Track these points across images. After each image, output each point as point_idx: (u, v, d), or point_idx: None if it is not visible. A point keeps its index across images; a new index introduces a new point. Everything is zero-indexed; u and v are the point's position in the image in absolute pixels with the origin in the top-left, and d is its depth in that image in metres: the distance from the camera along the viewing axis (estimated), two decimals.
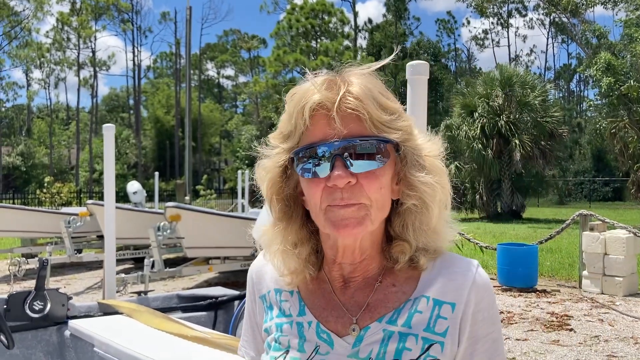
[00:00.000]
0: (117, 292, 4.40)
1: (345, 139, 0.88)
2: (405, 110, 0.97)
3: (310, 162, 0.90)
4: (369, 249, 0.95)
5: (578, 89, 67.28)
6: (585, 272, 7.89)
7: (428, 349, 0.90)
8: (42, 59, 54.68)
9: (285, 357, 0.96)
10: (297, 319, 0.98)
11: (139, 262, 10.28)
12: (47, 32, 56.55)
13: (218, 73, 70.82)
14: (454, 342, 0.91)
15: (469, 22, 78.77)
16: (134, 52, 63.57)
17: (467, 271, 0.95)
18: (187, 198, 19.16)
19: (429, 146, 0.96)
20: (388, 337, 0.91)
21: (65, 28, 52.11)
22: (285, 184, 0.97)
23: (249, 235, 1.13)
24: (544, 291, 7.90)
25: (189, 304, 3.46)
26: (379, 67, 0.95)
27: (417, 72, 1.82)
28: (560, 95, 62.94)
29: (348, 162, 0.88)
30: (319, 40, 42.78)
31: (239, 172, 18.28)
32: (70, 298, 3.10)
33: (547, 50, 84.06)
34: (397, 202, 0.95)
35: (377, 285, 0.95)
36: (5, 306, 2.80)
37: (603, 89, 20.55)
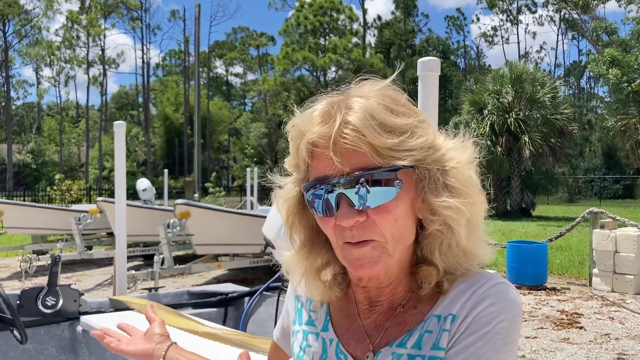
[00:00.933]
0: (127, 288, 4.42)
1: (348, 175, 0.81)
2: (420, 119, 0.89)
3: (316, 202, 0.86)
4: (397, 273, 0.91)
5: (588, 86, 66.84)
6: (595, 270, 7.85)
7: None
8: (52, 57, 55.05)
9: None
10: (322, 334, 0.99)
11: (148, 259, 10.34)
12: (57, 30, 56.91)
13: (226, 71, 70.98)
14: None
15: (478, 19, 78.19)
16: (143, 50, 63.93)
17: (476, 282, 0.88)
18: (196, 195, 19.24)
19: (457, 155, 0.88)
20: None
21: (75, 26, 52.41)
22: (303, 213, 0.94)
23: (260, 232, 1.13)
24: (554, 289, 7.87)
25: (199, 300, 3.47)
26: (386, 83, 0.89)
27: (428, 69, 1.82)
28: (571, 92, 62.58)
29: (353, 200, 0.82)
30: (327, 38, 42.75)
31: (248, 169, 18.32)
32: (82, 294, 3.12)
33: (557, 47, 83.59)
34: (421, 224, 0.89)
35: (399, 310, 0.92)
36: (18, 302, 2.83)
37: (611, 82, 20.41)
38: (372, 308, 0.94)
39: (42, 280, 8.89)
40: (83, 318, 2.99)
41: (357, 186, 0.82)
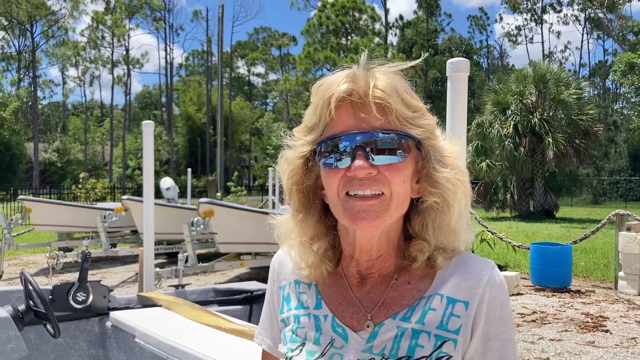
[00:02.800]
0: (153, 285, 4.48)
1: (367, 132, 0.89)
2: (431, 109, 0.98)
3: (332, 155, 0.91)
4: (386, 246, 0.96)
5: (614, 86, 65.77)
6: (621, 273, 7.74)
7: (440, 346, 0.90)
8: (77, 58, 55.91)
9: (301, 350, 0.98)
10: (314, 312, 1.00)
11: (171, 257, 10.45)
12: (83, 31, 57.72)
13: (248, 71, 71.29)
14: (466, 340, 0.92)
15: (501, 19, 77.55)
16: (166, 50, 64.56)
17: (481, 270, 0.95)
18: (218, 194, 19.37)
19: (451, 147, 0.96)
20: (401, 333, 0.92)
21: (100, 27, 53.15)
22: (306, 176, 0.98)
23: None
24: (578, 292, 7.78)
25: (225, 298, 3.52)
26: (404, 67, 0.96)
27: (458, 69, 1.83)
28: (596, 92, 61.65)
29: (370, 155, 0.88)
30: (349, 38, 42.72)
31: (270, 169, 18.39)
32: (112, 290, 3.18)
33: (581, 46, 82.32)
34: (417, 201, 0.96)
35: (392, 283, 0.96)
36: (50, 297, 2.89)
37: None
38: (363, 281, 0.98)
39: (69, 277, 9.06)
40: (112, 314, 3.05)
41: (375, 143, 0.89)
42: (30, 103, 52.11)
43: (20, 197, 12.29)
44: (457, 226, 0.95)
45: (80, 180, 28.12)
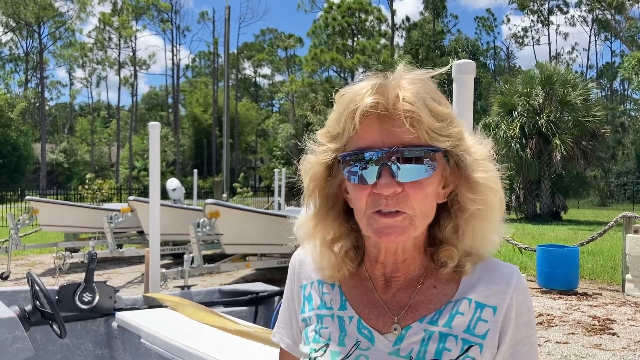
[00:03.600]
0: (159, 286, 4.49)
1: (393, 147, 0.87)
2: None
3: (357, 166, 0.89)
4: (411, 250, 0.96)
5: (622, 87, 65.47)
6: (628, 276, 7.70)
7: (467, 350, 0.91)
8: (84, 59, 56.13)
9: (325, 350, 0.97)
10: (338, 313, 0.99)
11: (177, 258, 10.47)
12: (90, 32, 58.05)
13: (255, 72, 71.36)
14: (493, 345, 0.92)
15: (508, 20, 77.40)
16: (172, 52, 64.61)
17: (509, 276, 0.95)
18: (224, 195, 19.40)
19: (480, 149, 0.95)
20: (429, 337, 0.92)
21: (107, 28, 53.34)
22: (328, 182, 0.97)
23: (290, 232, 1.12)
24: (585, 294, 7.75)
25: (230, 299, 3.52)
26: (432, 74, 0.94)
27: (464, 71, 1.82)
28: (603, 94, 61.36)
29: (395, 171, 0.87)
30: (355, 39, 42.71)
31: (276, 170, 18.43)
32: (117, 291, 3.19)
33: (589, 48, 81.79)
34: (446, 205, 0.95)
35: (419, 287, 0.96)
36: (56, 297, 2.90)
37: (634, 87, 19.96)
38: (388, 284, 0.98)
39: (75, 277, 9.09)
40: (118, 314, 3.06)
41: (400, 159, 0.87)
42: (37, 104, 52.38)
43: (27, 197, 12.35)
44: (492, 230, 0.95)
45: (87, 181, 28.25)
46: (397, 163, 0.87)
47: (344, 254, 1.00)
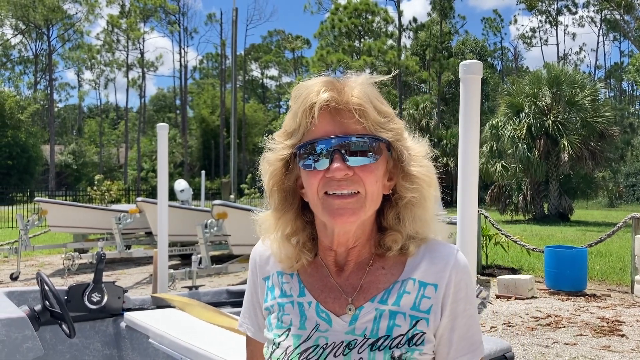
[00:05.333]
0: (167, 286, 4.51)
1: (343, 136, 0.98)
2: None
3: (311, 157, 0.99)
4: (361, 237, 1.05)
5: (630, 88, 65.06)
6: (637, 277, 7.66)
7: (415, 324, 1.00)
8: (92, 61, 56.40)
9: (287, 334, 1.06)
10: (298, 299, 1.08)
11: (185, 259, 10.51)
12: (98, 34, 58.31)
13: (262, 73, 71.50)
14: (436, 318, 1.02)
15: (516, 21, 77.10)
16: (180, 53, 64.84)
17: (448, 255, 1.05)
18: (232, 197, 19.43)
19: (417, 147, 1.05)
20: (380, 315, 1.01)
21: (115, 30, 53.55)
22: (286, 177, 1.06)
23: None
24: (594, 295, 7.71)
25: (238, 299, 3.53)
26: (376, 80, 1.04)
27: (470, 72, 1.83)
28: (612, 94, 61.01)
29: (345, 157, 0.97)
30: (362, 40, 42.69)
31: None
32: (126, 291, 3.21)
33: (597, 48, 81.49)
34: (391, 196, 1.05)
35: (368, 269, 1.05)
36: (65, 297, 2.92)
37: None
38: (341, 269, 1.07)
39: (84, 278, 9.14)
40: (127, 314, 3.08)
41: (349, 147, 0.98)
42: (46, 106, 52.69)
43: (36, 198, 12.43)
44: (429, 217, 1.05)
45: (96, 182, 28.36)
46: (346, 155, 0.97)
47: (302, 245, 1.09)
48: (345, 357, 1.00)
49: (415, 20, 52.27)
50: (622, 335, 5.68)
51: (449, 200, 2.77)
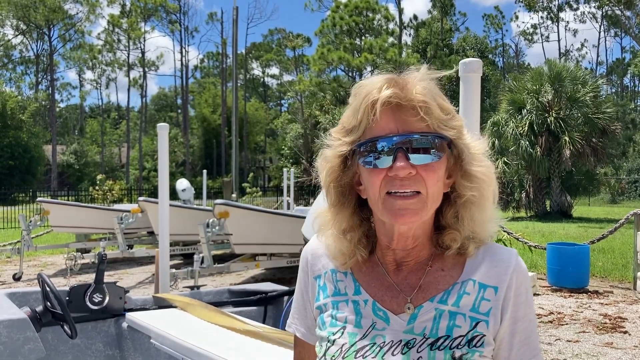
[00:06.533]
0: (169, 286, 4.51)
1: (406, 134, 0.96)
2: (457, 111, 1.03)
3: (371, 155, 0.98)
4: (421, 237, 1.04)
5: (632, 83, 64.92)
6: None
7: (475, 326, 0.99)
8: (94, 60, 56.45)
9: (343, 332, 1.04)
10: (353, 297, 1.06)
11: (187, 258, 10.51)
12: (99, 34, 58.30)
13: (263, 72, 71.51)
14: (496, 321, 1.00)
15: (517, 17, 77.02)
16: (181, 53, 64.80)
17: (508, 258, 1.04)
18: (234, 195, 19.45)
19: (478, 144, 1.04)
20: (439, 315, 1.00)
21: (116, 30, 53.59)
22: (344, 174, 1.04)
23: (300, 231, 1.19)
24: (596, 292, 7.70)
25: (239, 299, 3.53)
26: (438, 76, 1.02)
27: (470, 70, 1.82)
28: (613, 90, 60.88)
29: (408, 155, 0.95)
30: (363, 38, 42.63)
31: (284, 170, 18.44)
32: (127, 291, 3.21)
33: (599, 44, 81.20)
34: (448, 194, 1.03)
35: (427, 269, 1.04)
36: (67, 298, 2.93)
37: None
38: (399, 268, 1.06)
39: (87, 278, 9.15)
40: (128, 315, 3.08)
41: (411, 144, 0.96)
42: (48, 106, 52.74)
43: (38, 199, 12.44)
44: (487, 218, 1.04)
45: (98, 182, 28.39)
46: (408, 153, 0.95)
47: (357, 241, 1.07)
48: (404, 355, 0.98)
49: (416, 17, 52.28)
50: (625, 332, 5.68)
51: None
